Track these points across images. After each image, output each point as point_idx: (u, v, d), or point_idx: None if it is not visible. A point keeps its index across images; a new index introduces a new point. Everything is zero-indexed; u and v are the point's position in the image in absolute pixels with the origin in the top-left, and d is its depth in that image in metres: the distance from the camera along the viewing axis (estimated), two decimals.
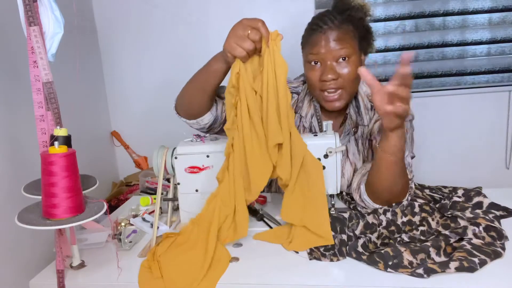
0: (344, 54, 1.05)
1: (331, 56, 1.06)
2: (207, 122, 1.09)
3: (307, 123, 1.23)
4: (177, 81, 1.18)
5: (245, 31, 0.87)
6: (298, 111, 1.24)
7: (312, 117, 1.22)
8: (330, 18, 1.07)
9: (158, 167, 1.06)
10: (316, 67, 1.09)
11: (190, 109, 1.07)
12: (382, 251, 0.82)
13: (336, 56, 1.06)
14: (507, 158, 2.08)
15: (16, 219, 0.77)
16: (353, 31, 1.08)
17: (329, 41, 1.05)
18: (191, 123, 1.10)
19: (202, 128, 1.11)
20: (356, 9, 1.08)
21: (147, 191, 1.85)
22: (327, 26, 1.06)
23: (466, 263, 0.76)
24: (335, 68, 1.06)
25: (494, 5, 1.93)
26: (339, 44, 1.05)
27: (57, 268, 0.83)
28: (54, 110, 0.81)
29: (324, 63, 1.07)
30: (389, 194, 0.98)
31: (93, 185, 0.90)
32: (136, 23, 2.08)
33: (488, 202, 0.99)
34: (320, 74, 1.08)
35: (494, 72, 2.00)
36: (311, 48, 1.08)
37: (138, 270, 0.86)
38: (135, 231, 1.03)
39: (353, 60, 1.07)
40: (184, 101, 1.08)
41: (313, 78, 1.10)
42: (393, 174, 0.95)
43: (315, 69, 1.09)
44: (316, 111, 1.22)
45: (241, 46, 0.87)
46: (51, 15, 0.79)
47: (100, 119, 2.14)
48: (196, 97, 1.04)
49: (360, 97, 1.18)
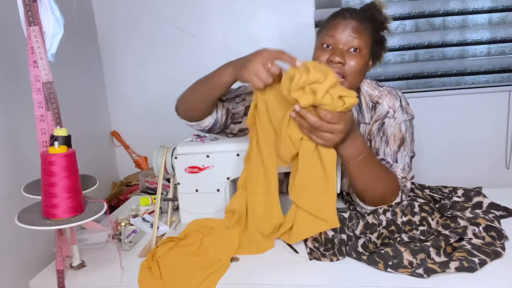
0: (357, 45, 1.05)
1: (345, 42, 1.06)
2: (207, 124, 1.09)
3: None
4: (177, 81, 1.18)
5: (266, 64, 0.87)
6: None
7: None
8: (354, 11, 1.09)
9: (158, 167, 1.06)
10: (328, 49, 1.08)
11: (191, 114, 1.08)
12: (382, 251, 0.82)
13: (349, 44, 1.05)
14: (507, 158, 2.08)
15: (16, 219, 0.77)
16: (371, 31, 1.09)
17: (347, 28, 1.06)
18: (191, 125, 1.11)
19: (202, 129, 1.12)
20: (379, 12, 1.10)
21: (147, 191, 1.85)
22: (349, 15, 1.07)
23: (466, 263, 0.76)
24: (345, 54, 1.06)
25: (494, 5, 1.93)
26: (356, 34, 1.05)
27: (57, 268, 0.83)
28: (54, 110, 0.81)
29: (336, 47, 1.07)
30: (372, 197, 0.99)
31: (93, 185, 0.90)
32: (136, 23, 2.08)
33: (488, 202, 0.99)
34: (329, 55, 1.07)
35: (494, 72, 2.00)
36: (328, 30, 1.08)
37: (138, 270, 0.86)
38: (135, 231, 1.03)
39: (363, 54, 1.07)
40: (185, 105, 1.08)
41: (321, 59, 1.08)
42: (363, 178, 0.96)
43: (326, 51, 1.08)
44: None
45: (260, 78, 0.88)
46: (51, 15, 0.79)
47: (100, 119, 2.14)
48: (199, 105, 1.05)
49: (362, 95, 1.18)
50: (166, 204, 1.14)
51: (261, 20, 2.04)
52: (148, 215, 1.12)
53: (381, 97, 1.16)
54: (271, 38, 2.03)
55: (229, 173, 1.04)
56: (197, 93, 1.04)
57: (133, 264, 0.89)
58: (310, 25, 1.99)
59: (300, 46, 1.17)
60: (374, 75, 2.03)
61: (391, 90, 1.18)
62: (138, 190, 1.94)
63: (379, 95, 1.17)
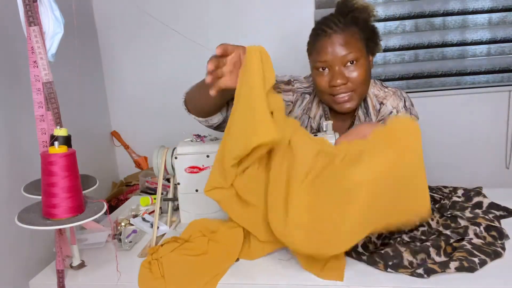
0: (352, 58, 1.03)
1: (338, 61, 1.04)
2: (216, 121, 1.07)
3: (315, 123, 1.21)
4: (177, 81, 1.18)
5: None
6: (307, 112, 1.22)
7: (320, 118, 1.20)
8: (334, 22, 1.05)
9: (158, 167, 1.06)
10: (325, 73, 1.07)
11: (199, 110, 1.04)
12: (382, 251, 0.82)
13: (344, 61, 1.04)
14: (507, 158, 2.08)
15: (16, 219, 0.77)
16: (359, 33, 1.06)
17: (335, 46, 1.03)
18: (200, 120, 1.07)
19: (210, 126, 1.09)
20: (360, 10, 1.06)
21: (147, 191, 1.85)
22: (331, 30, 1.04)
23: (466, 263, 0.76)
24: (344, 73, 1.04)
25: (494, 5, 1.93)
26: (346, 49, 1.03)
27: (57, 268, 0.83)
28: (54, 110, 0.81)
29: (332, 68, 1.05)
30: None
31: (93, 185, 0.90)
32: (136, 23, 2.07)
33: (488, 202, 0.99)
34: (329, 79, 1.06)
35: (494, 72, 2.00)
36: (317, 55, 1.06)
37: (138, 270, 0.86)
38: (135, 231, 1.03)
39: (361, 63, 1.05)
40: (193, 103, 1.05)
41: (322, 84, 1.08)
42: None
43: (324, 74, 1.07)
44: (325, 112, 1.19)
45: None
46: (51, 15, 0.78)
47: (100, 119, 2.14)
48: (206, 105, 1.01)
49: (369, 98, 1.17)
50: (166, 204, 1.14)
51: (261, 20, 2.04)
52: (148, 215, 1.12)
53: (385, 97, 1.16)
54: (271, 38, 2.03)
55: None
56: (203, 95, 0.98)
57: (133, 264, 0.89)
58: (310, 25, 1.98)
59: (300, 46, 1.16)
60: (374, 75, 2.02)
61: (396, 91, 1.17)
62: (138, 190, 1.93)
63: (384, 96, 1.16)
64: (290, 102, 1.21)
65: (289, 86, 1.22)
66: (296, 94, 1.21)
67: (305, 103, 1.22)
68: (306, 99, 1.22)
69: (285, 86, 1.21)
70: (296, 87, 1.22)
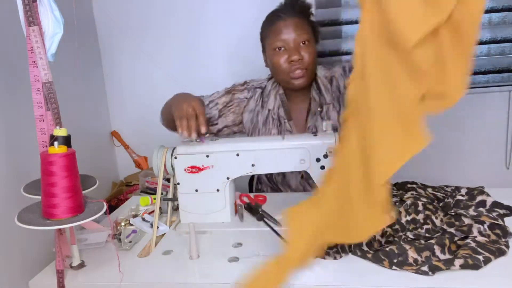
0: (304, 39, 1.21)
1: (294, 39, 1.21)
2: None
3: (275, 114, 1.33)
4: (177, 81, 1.18)
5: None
6: (265, 106, 1.34)
7: (279, 108, 1.33)
8: (287, 9, 1.25)
9: (158, 167, 1.06)
10: (282, 52, 1.22)
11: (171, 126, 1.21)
12: (387, 248, 0.83)
13: (298, 40, 1.21)
14: (507, 158, 2.08)
15: (16, 219, 0.76)
16: (307, 20, 1.25)
17: (290, 28, 1.21)
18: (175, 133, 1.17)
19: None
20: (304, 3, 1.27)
21: (147, 191, 1.85)
22: (286, 15, 1.22)
23: (471, 261, 0.77)
24: (300, 50, 1.21)
25: (494, 5, 1.92)
26: (299, 30, 1.21)
27: (57, 268, 0.83)
28: (53, 110, 0.81)
29: (289, 47, 1.21)
30: None
31: (93, 185, 0.90)
32: (136, 23, 2.07)
33: (492, 200, 1.00)
34: (287, 56, 1.21)
35: (494, 72, 1.99)
36: (275, 36, 1.23)
37: (138, 270, 0.86)
38: (135, 231, 1.03)
39: (312, 44, 1.24)
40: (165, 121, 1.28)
41: (281, 62, 1.22)
42: None
43: (281, 53, 1.22)
44: (282, 101, 1.31)
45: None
46: (50, 15, 0.78)
47: (100, 119, 2.14)
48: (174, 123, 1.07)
49: (319, 80, 1.31)
50: (166, 204, 1.14)
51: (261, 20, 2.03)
52: (148, 215, 1.12)
53: (331, 73, 1.33)
54: None
55: (229, 173, 1.04)
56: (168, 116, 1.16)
57: (133, 264, 0.89)
58: None
59: None
60: None
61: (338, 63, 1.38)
62: (138, 190, 1.93)
63: (330, 73, 1.33)
64: (245, 98, 1.37)
65: (243, 86, 1.38)
66: (250, 91, 1.37)
67: (257, 96, 1.36)
68: (257, 93, 1.37)
69: (240, 87, 1.38)
70: (251, 85, 1.38)
